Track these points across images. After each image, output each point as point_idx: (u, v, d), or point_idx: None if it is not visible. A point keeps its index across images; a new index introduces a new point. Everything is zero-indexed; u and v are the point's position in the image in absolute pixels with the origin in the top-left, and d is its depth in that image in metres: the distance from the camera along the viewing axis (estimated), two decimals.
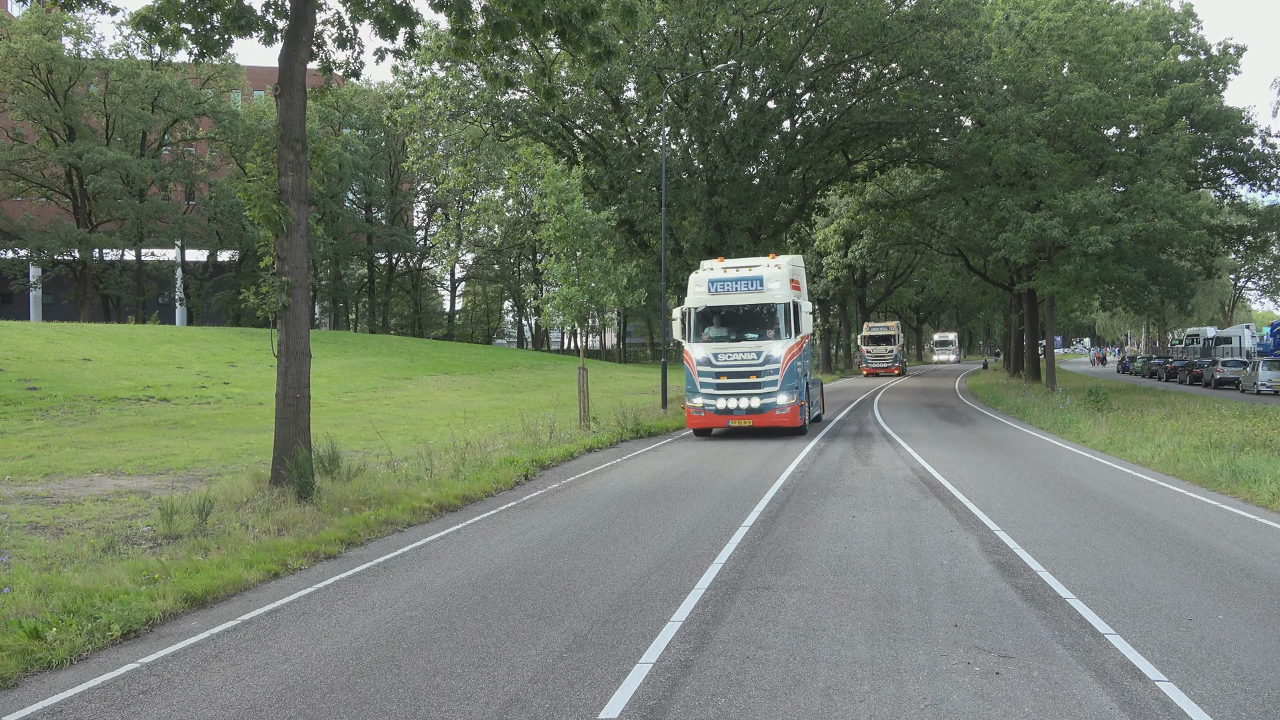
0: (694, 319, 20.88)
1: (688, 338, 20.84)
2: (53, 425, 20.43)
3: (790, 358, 20.33)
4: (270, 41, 12.66)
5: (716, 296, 20.78)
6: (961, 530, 10.36)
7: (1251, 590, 7.88)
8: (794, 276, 21.74)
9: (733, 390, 20.35)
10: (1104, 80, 34.81)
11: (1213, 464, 14.87)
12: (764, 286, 20.57)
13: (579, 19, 12.70)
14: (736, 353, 20.34)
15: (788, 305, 20.55)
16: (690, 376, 20.83)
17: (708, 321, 21.03)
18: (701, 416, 20.74)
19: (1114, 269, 34.61)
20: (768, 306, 20.57)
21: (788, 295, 20.59)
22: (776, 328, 20.44)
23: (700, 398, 20.65)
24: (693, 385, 20.81)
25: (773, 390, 20.19)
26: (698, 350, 20.67)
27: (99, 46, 52.30)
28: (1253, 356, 51.63)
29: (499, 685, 5.78)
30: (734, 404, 20.32)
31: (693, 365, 20.70)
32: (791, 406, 20.35)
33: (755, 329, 20.69)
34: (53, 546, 9.21)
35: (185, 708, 5.57)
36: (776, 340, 20.32)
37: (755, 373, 20.20)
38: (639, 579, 8.30)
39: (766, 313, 20.61)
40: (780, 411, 20.18)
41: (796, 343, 20.72)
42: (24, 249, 51.35)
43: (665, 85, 32.46)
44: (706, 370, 20.49)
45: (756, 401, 20.15)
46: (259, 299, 12.05)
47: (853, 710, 5.32)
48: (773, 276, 20.68)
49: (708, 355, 20.48)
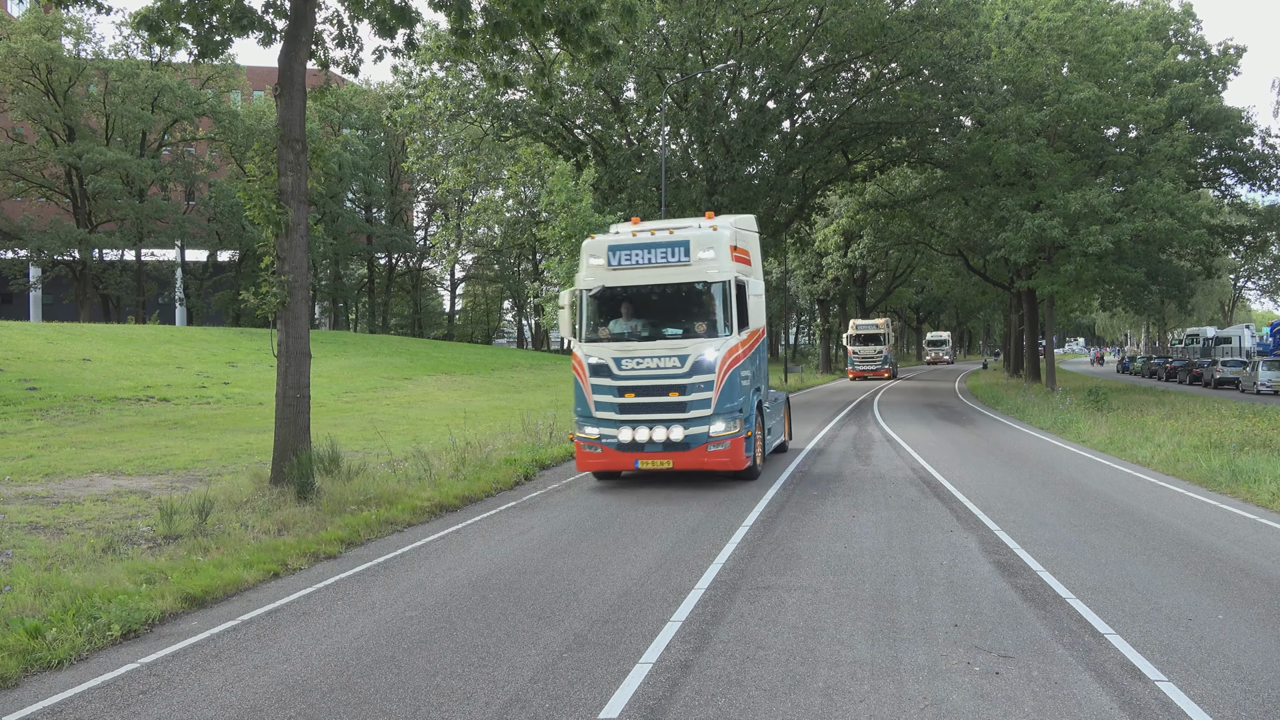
0: (587, 307, 14.08)
1: (578, 335, 14.10)
2: (53, 425, 20.43)
3: (732, 363, 13.47)
4: (270, 41, 12.66)
5: (620, 273, 13.89)
6: (961, 530, 10.37)
7: (1251, 590, 7.88)
8: (739, 243, 14.78)
9: (643, 415, 13.48)
10: (1104, 80, 34.82)
11: (1212, 464, 14.87)
12: (691, 257, 13.56)
13: (579, 19, 12.72)
14: (649, 357, 13.44)
15: (727, 286, 13.55)
16: (580, 393, 13.95)
17: (608, 311, 14.18)
18: (597, 454, 13.72)
19: (1114, 269, 34.63)
20: (697, 288, 13.71)
21: (728, 271, 13.61)
22: (711, 319, 13.56)
23: (594, 425, 13.71)
24: (584, 406, 13.88)
25: (704, 414, 13.29)
26: (593, 354, 13.73)
27: (99, 47, 52.33)
28: (1252, 356, 51.63)
29: (499, 685, 5.79)
30: (645, 435, 13.42)
31: (584, 376, 13.85)
32: (733, 439, 13.41)
33: (678, 321, 13.93)
34: (53, 546, 9.21)
35: (185, 708, 5.57)
36: (711, 338, 13.45)
37: (677, 387, 13.31)
38: (639, 579, 8.30)
39: (695, 297, 13.78)
40: (716, 446, 13.34)
41: (743, 342, 13.86)
42: (24, 249, 51.37)
43: (665, 85, 32.47)
44: (605, 385, 13.62)
45: (679, 432, 13.31)
46: (259, 299, 12.06)
47: (853, 710, 5.32)
48: (705, 242, 13.64)
49: (607, 361, 13.60)
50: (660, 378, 13.44)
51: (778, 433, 17.38)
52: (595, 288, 14.02)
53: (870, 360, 55.80)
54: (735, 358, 13.59)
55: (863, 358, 56.00)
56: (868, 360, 55.88)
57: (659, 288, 13.91)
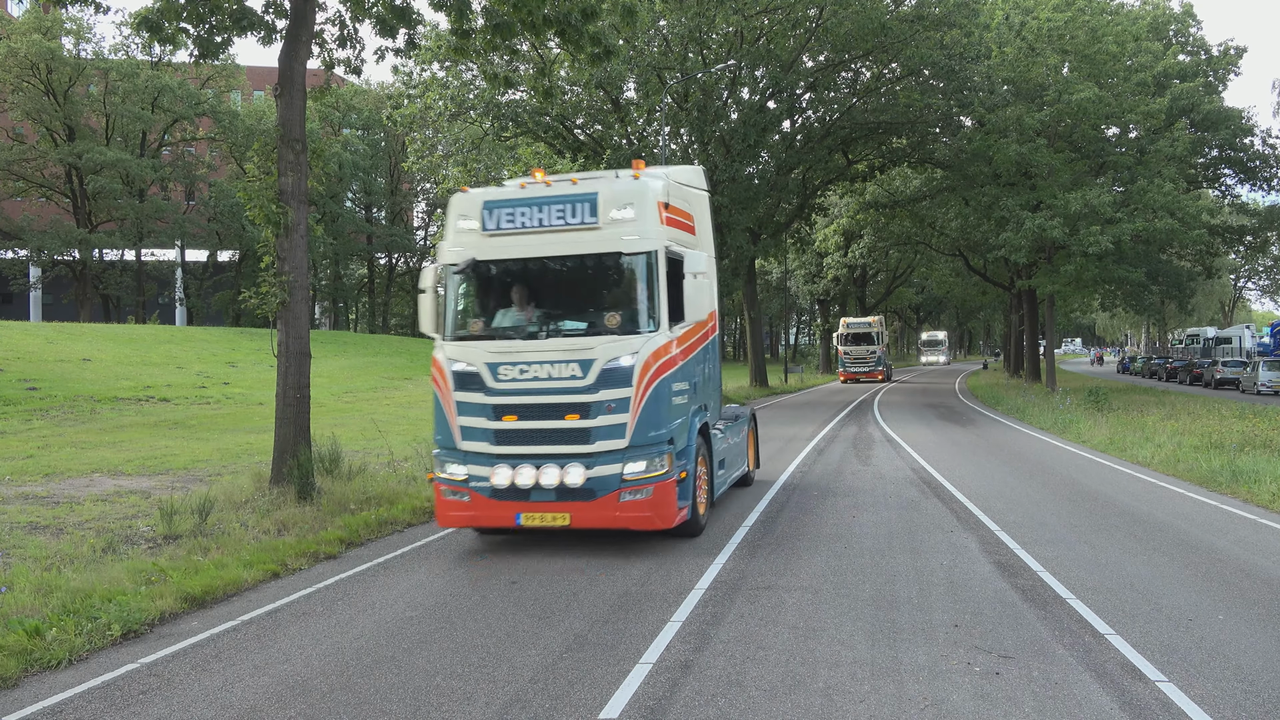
0: (451, 289, 9.95)
1: (442, 329, 9.93)
2: (53, 425, 20.43)
3: (659, 372, 9.28)
4: (270, 41, 12.66)
5: (499, 240, 9.71)
6: (961, 530, 10.37)
7: (1251, 590, 7.88)
8: (678, 201, 10.52)
9: (529, 446, 9.34)
10: (1104, 80, 34.84)
11: (1213, 464, 14.87)
12: (599, 217, 9.41)
13: (579, 19, 12.71)
14: (539, 363, 9.31)
15: (653, 260, 9.42)
16: (441, 415, 9.75)
17: (481, 295, 10.16)
18: (463, 504, 9.52)
19: (1114, 269, 34.66)
20: (607, 262, 9.57)
21: (655, 238, 9.46)
22: (630, 308, 9.44)
23: (460, 462, 9.53)
24: (446, 434, 9.67)
25: (616, 446, 9.15)
26: (459, 358, 9.61)
27: (99, 46, 52.44)
28: (1253, 356, 51.65)
29: (499, 685, 5.78)
30: (529, 478, 9.21)
31: (446, 391, 9.64)
32: (659, 484, 9.16)
33: (582, 311, 9.91)
34: (53, 546, 9.21)
35: (185, 708, 5.57)
36: (630, 335, 9.29)
37: (578, 407, 9.22)
38: (639, 578, 8.30)
39: (605, 275, 9.72)
40: (634, 494, 9.12)
41: (678, 340, 9.69)
42: (24, 249, 51.42)
43: (665, 85, 32.46)
44: (476, 403, 9.45)
45: (578, 473, 9.13)
46: (259, 299, 12.06)
47: (853, 710, 5.32)
48: (621, 197, 9.47)
49: (478, 369, 9.45)
50: (554, 392, 9.09)
51: (736, 464, 12.48)
52: (462, 262, 9.64)
53: (862, 361, 52.26)
54: (665, 363, 9.19)
55: (854, 358, 52.59)
56: (859, 361, 52.37)
57: (553, 262, 9.63)
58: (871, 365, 52.01)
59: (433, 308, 9.95)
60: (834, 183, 45.25)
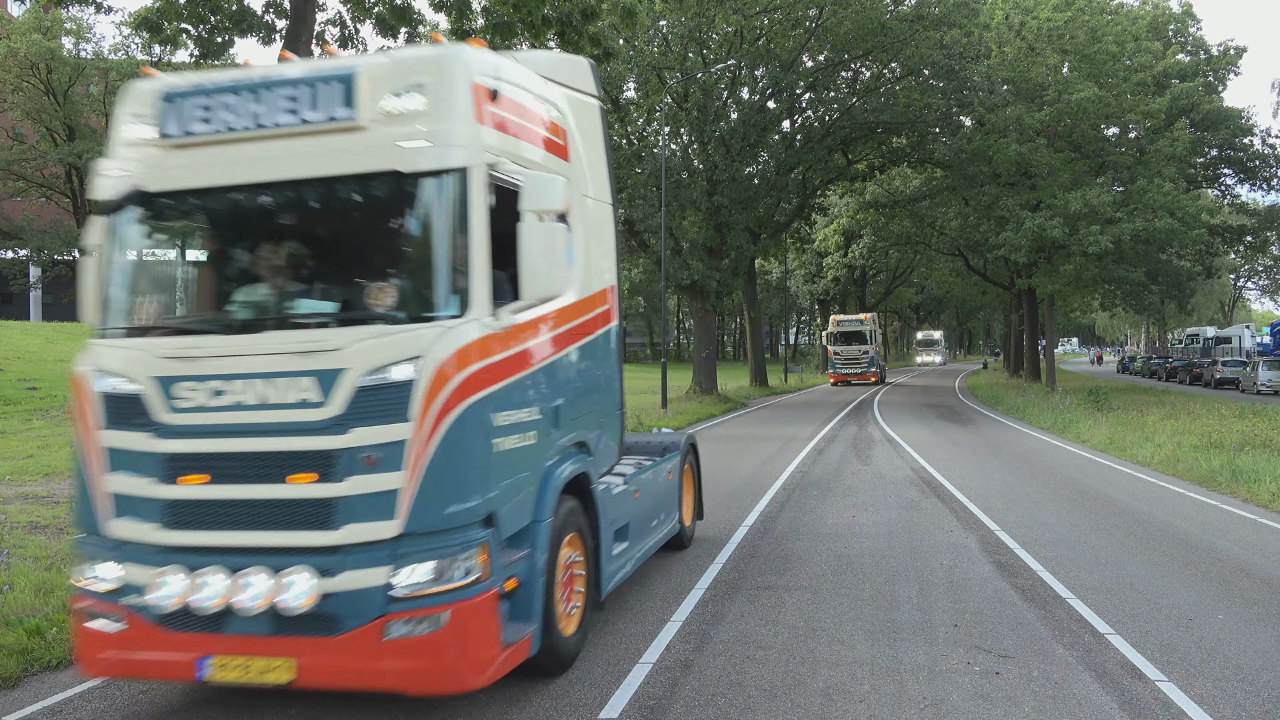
0: (110, 244, 5.52)
1: (99, 319, 5.42)
2: (53, 425, 20.43)
3: (464, 389, 4.82)
4: (270, 42, 12.69)
5: (186, 152, 5.23)
6: (961, 530, 10.37)
7: (1251, 590, 7.88)
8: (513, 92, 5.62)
9: (223, 530, 4.94)
10: (1104, 80, 34.84)
11: (1213, 464, 14.89)
12: (357, 110, 4.95)
13: (579, 20, 12.74)
14: (245, 376, 4.88)
15: (462, 183, 4.96)
16: (81, 471, 5.18)
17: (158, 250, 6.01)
18: (111, 635, 5.04)
19: (1114, 269, 34.66)
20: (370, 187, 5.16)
21: (462, 145, 4.99)
22: (417, 272, 5.15)
23: (110, 558, 5.10)
24: (87, 509, 5.15)
25: (377, 534, 4.74)
26: (111, 368, 5.13)
27: (99, 46, 52.40)
28: (1253, 356, 51.64)
29: (499, 684, 5.77)
30: (220, 589, 4.80)
31: (88, 428, 5.13)
32: (458, 605, 4.77)
33: (326, 279, 5.82)
34: (53, 546, 9.21)
35: (185, 707, 5.57)
36: (410, 324, 4.86)
37: (311, 458, 4.80)
38: (639, 578, 8.29)
39: (367, 210, 5.40)
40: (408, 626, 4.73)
41: (512, 331, 5.24)
42: (24, 249, 51.40)
43: (665, 85, 32.46)
44: (136, 450, 5.00)
45: (304, 585, 4.73)
46: None
47: (853, 710, 5.32)
48: (400, 76, 5.02)
49: (142, 388, 4.99)
50: (269, 432, 4.91)
51: (654, 524, 8.25)
52: (118, 195, 5.51)
53: (854, 362, 47.84)
54: (479, 375, 4.96)
55: (845, 359, 48.12)
56: (851, 362, 47.95)
57: (275, 192, 5.34)
58: (864, 366, 47.82)
59: (94, 279, 5.57)
60: (834, 183, 45.25)
